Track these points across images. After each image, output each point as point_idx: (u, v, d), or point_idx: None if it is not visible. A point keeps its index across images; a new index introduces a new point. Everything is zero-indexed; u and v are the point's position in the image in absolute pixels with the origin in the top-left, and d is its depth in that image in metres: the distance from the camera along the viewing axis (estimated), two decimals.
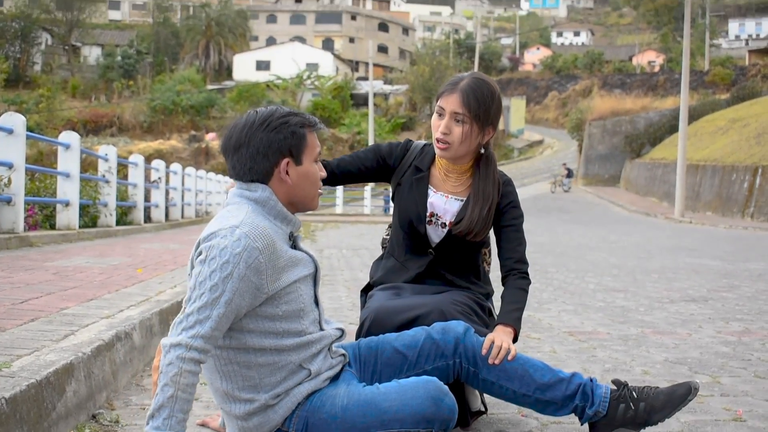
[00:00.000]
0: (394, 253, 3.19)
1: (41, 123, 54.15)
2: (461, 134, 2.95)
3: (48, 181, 11.93)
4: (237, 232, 2.31)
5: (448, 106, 2.97)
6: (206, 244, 2.34)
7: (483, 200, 3.02)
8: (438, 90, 3.10)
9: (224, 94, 66.38)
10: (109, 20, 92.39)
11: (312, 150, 2.52)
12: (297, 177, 2.49)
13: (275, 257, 2.37)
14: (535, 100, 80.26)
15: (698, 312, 6.54)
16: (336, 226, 24.15)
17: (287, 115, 2.50)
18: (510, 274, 3.08)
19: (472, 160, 3.09)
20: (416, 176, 3.10)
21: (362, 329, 2.92)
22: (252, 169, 2.46)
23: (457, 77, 3.04)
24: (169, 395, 2.18)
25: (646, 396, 2.72)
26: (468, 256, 3.14)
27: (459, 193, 3.09)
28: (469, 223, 3.00)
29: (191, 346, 2.22)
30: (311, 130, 2.53)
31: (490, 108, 2.97)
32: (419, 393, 2.38)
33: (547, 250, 13.80)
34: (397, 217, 3.15)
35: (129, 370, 3.64)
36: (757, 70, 65.07)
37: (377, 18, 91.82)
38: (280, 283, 2.39)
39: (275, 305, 2.40)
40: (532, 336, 5.22)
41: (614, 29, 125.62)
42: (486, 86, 2.99)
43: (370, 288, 3.24)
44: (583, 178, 51.60)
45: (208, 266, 2.29)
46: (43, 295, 4.58)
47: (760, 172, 27.98)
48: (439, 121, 3.00)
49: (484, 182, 3.06)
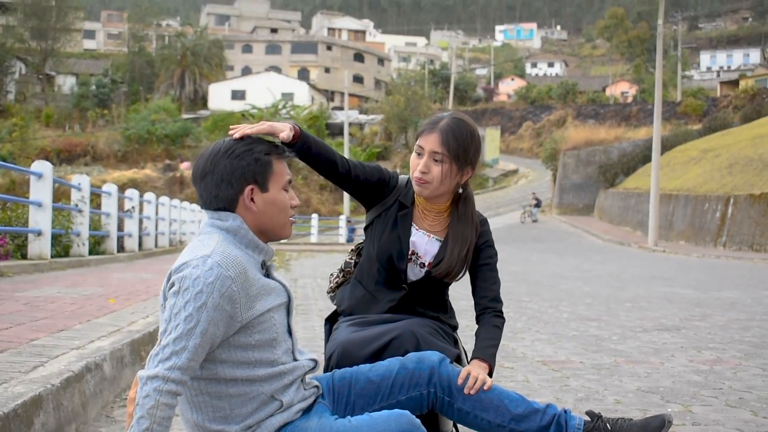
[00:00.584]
0: (362, 280, 3.17)
1: (14, 152, 53.79)
2: (440, 174, 2.95)
3: (20, 210, 11.84)
4: (209, 262, 2.30)
5: (428, 145, 2.97)
6: (178, 275, 2.32)
7: (462, 243, 3.03)
8: (413, 120, 3.09)
9: (199, 123, 66.27)
10: (84, 49, 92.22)
11: (279, 177, 2.51)
12: (263, 204, 2.48)
13: (248, 285, 2.36)
14: (510, 130, 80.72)
15: (671, 341, 6.58)
16: (311, 255, 24.10)
17: (253, 142, 2.50)
18: (485, 312, 3.10)
19: (450, 200, 3.09)
20: (401, 212, 3.09)
21: (329, 363, 2.90)
22: (217, 196, 2.47)
23: (436, 117, 3.05)
24: (144, 428, 2.16)
25: (620, 428, 2.72)
26: (439, 292, 3.16)
27: (437, 232, 3.09)
28: (448, 266, 3.01)
29: (168, 378, 2.20)
30: (279, 157, 2.53)
31: (469, 148, 2.98)
32: (391, 427, 2.36)
33: (521, 279, 13.83)
34: (374, 248, 3.11)
35: (99, 401, 3.60)
36: (728, 101, 65.85)
37: (353, 48, 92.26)
38: (253, 312, 2.38)
39: (248, 334, 2.39)
40: (505, 365, 5.22)
41: (588, 60, 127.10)
42: (465, 127, 3.00)
43: (335, 316, 3.23)
44: (557, 208, 51.87)
45: (182, 297, 2.28)
46: (12, 326, 4.53)
47: (732, 202, 28.26)
48: (418, 160, 2.99)
49: (463, 224, 3.06)
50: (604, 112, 74.38)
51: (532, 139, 77.54)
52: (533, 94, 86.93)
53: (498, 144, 73.30)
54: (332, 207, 54.02)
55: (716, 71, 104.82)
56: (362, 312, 3.10)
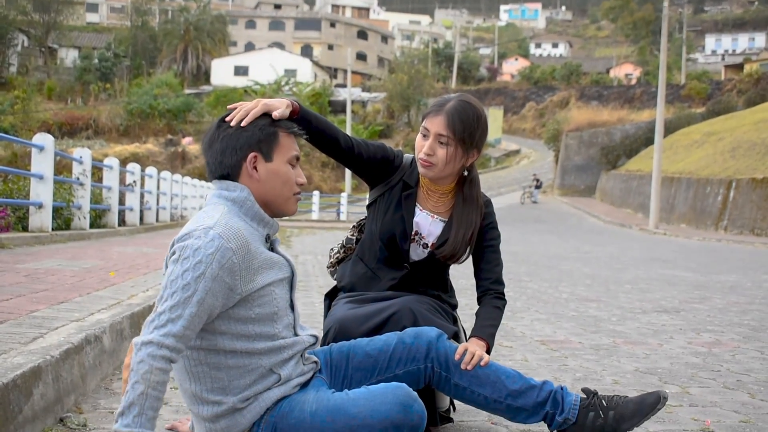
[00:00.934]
0: (364, 258, 3.17)
1: (16, 125, 53.68)
2: (445, 156, 2.94)
3: (21, 182, 11.83)
4: (211, 233, 2.31)
5: (433, 127, 2.95)
6: (180, 244, 2.34)
7: (466, 226, 3.03)
8: (416, 98, 3.10)
9: (201, 98, 66.14)
10: (86, 23, 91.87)
11: (285, 150, 2.53)
12: (266, 173, 2.50)
13: (249, 258, 2.37)
14: (513, 110, 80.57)
15: (670, 323, 6.58)
16: (312, 232, 24.11)
17: (261, 116, 2.53)
18: (486, 294, 3.11)
19: (455, 181, 3.09)
20: (405, 192, 3.09)
21: (327, 339, 2.91)
22: (222, 162, 2.49)
23: (443, 99, 3.03)
24: (139, 392, 2.16)
25: (616, 404, 2.73)
26: (440, 271, 3.17)
27: (441, 213, 3.09)
28: (452, 248, 3.02)
29: (163, 344, 2.20)
30: (286, 131, 2.55)
31: (475, 131, 2.96)
32: (388, 399, 2.37)
33: (521, 260, 13.84)
34: (377, 227, 3.11)
35: (98, 373, 3.61)
36: (733, 85, 65.69)
37: (356, 26, 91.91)
38: (254, 285, 2.39)
39: (248, 308, 2.40)
40: (504, 344, 5.23)
41: (592, 42, 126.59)
42: (472, 109, 2.98)
43: (335, 292, 3.23)
44: (559, 189, 51.85)
45: (181, 266, 2.29)
46: (12, 298, 4.53)
47: (734, 186, 28.24)
48: (424, 142, 2.99)
49: (468, 207, 3.06)
50: (608, 93, 74.21)
51: (535, 120, 77.41)
52: (537, 74, 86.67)
53: (500, 124, 73.18)
54: (334, 184, 54.02)
55: (721, 55, 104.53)
56: (363, 289, 3.11)
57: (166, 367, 2.22)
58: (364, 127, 62.77)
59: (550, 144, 56.46)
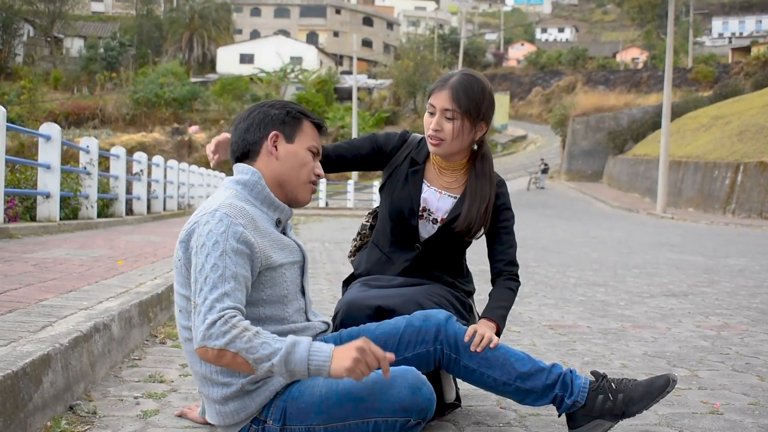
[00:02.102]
0: (378, 243, 3.18)
1: (23, 115, 53.75)
2: (452, 131, 2.94)
3: (29, 172, 11.85)
4: (217, 214, 2.38)
5: (439, 103, 2.96)
6: (194, 237, 2.40)
7: (480, 199, 3.02)
8: (422, 85, 3.10)
9: (207, 87, 66.08)
10: (91, 12, 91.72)
11: (307, 137, 2.59)
12: (285, 153, 2.55)
13: (259, 234, 2.43)
14: (519, 95, 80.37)
15: (678, 307, 6.58)
16: (319, 219, 24.13)
17: (290, 103, 2.63)
18: (500, 275, 3.11)
19: (467, 157, 3.08)
20: (412, 168, 3.09)
21: (335, 320, 2.93)
22: (245, 140, 2.57)
23: (447, 74, 3.03)
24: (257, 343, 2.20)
25: (625, 387, 2.73)
26: (454, 253, 3.15)
27: (453, 189, 3.08)
28: (467, 222, 3.00)
29: (222, 316, 2.23)
30: (311, 122, 2.62)
31: (481, 103, 2.96)
32: (397, 382, 2.37)
33: (529, 245, 13.83)
34: (386, 207, 3.13)
35: (107, 361, 3.62)
36: (740, 68, 65.33)
37: (362, 12, 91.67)
38: (270, 262, 2.44)
39: (259, 288, 2.44)
40: (512, 329, 5.23)
41: (598, 26, 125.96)
42: (476, 82, 2.98)
43: (353, 279, 3.24)
44: (566, 174, 51.75)
45: (202, 253, 2.34)
46: (21, 287, 4.55)
47: (742, 169, 28.15)
48: (431, 119, 2.99)
49: (481, 180, 3.05)
50: (614, 78, 73.97)
51: (542, 105, 77.21)
52: (543, 59, 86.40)
53: (507, 109, 73.03)
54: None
55: (728, 38, 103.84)
56: (378, 273, 3.11)
57: (240, 318, 2.24)
58: (370, 114, 62.69)
59: (557, 129, 56.30)
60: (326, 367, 2.19)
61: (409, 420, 2.36)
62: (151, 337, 4.48)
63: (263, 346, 2.19)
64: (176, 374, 3.68)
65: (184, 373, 3.68)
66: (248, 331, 2.21)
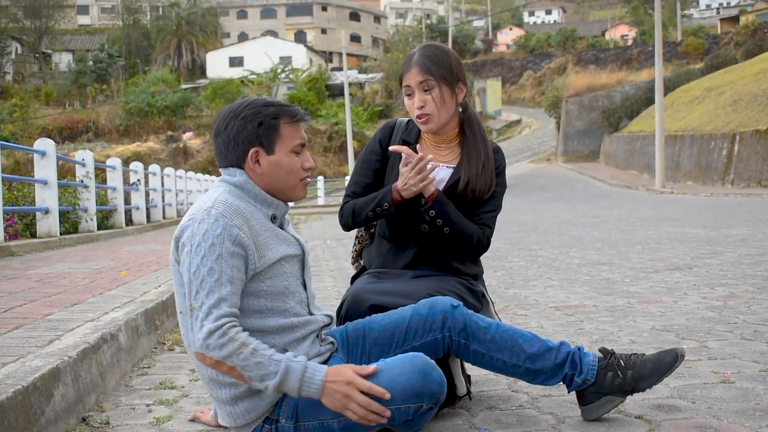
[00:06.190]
0: (385, 235, 3.18)
1: (16, 132, 53.68)
2: (435, 100, 2.98)
3: (26, 189, 11.85)
4: (213, 213, 2.38)
5: (412, 80, 3.00)
6: (187, 233, 2.39)
7: (476, 157, 3.05)
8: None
9: (199, 92, 65.94)
10: (78, 25, 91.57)
11: (287, 141, 2.54)
12: (268, 166, 2.54)
13: (254, 234, 2.43)
14: (511, 80, 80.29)
15: (683, 280, 6.58)
16: (319, 217, 24.13)
17: (264, 105, 2.55)
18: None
19: (457, 127, 3.11)
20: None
21: (341, 310, 2.93)
22: (226, 156, 2.55)
23: (407, 56, 3.08)
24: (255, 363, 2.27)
25: (633, 364, 2.73)
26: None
27: (450, 161, 3.10)
28: (467, 179, 3.01)
29: (220, 325, 2.27)
30: (289, 121, 2.55)
31: (451, 65, 3.01)
32: (406, 368, 2.37)
33: (530, 228, 13.83)
34: None
35: (117, 371, 3.62)
36: (730, 38, 65.20)
37: (348, 8, 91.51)
38: (265, 261, 2.44)
39: (260, 280, 2.45)
40: (519, 313, 5.24)
41: (585, 5, 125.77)
42: (436, 48, 3.05)
43: (361, 274, 3.24)
44: (562, 155, 51.71)
45: (197, 254, 2.34)
46: (26, 303, 4.55)
47: (738, 139, 28.12)
48: (411, 100, 3.02)
49: (473, 141, 3.08)
50: (605, 56, 73.90)
51: (534, 89, 77.14)
52: (532, 42, 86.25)
53: (500, 95, 72.97)
54: (337, 168, 53.96)
55: (716, 8, 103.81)
56: (389, 265, 3.11)
57: (238, 330, 2.29)
58: (363, 109, 62.56)
59: (551, 111, 56.22)
60: (317, 397, 2.31)
61: (422, 405, 2.36)
62: (159, 344, 4.48)
63: (258, 366, 2.27)
64: (186, 380, 3.68)
65: (194, 378, 3.68)
66: (246, 347, 2.26)
